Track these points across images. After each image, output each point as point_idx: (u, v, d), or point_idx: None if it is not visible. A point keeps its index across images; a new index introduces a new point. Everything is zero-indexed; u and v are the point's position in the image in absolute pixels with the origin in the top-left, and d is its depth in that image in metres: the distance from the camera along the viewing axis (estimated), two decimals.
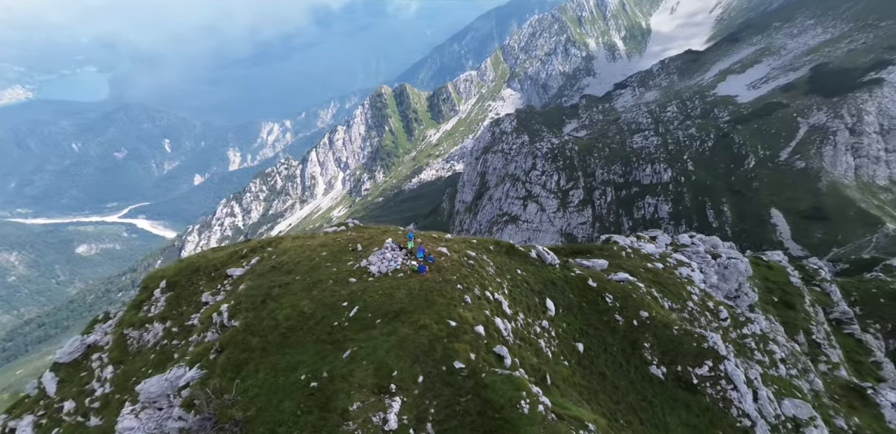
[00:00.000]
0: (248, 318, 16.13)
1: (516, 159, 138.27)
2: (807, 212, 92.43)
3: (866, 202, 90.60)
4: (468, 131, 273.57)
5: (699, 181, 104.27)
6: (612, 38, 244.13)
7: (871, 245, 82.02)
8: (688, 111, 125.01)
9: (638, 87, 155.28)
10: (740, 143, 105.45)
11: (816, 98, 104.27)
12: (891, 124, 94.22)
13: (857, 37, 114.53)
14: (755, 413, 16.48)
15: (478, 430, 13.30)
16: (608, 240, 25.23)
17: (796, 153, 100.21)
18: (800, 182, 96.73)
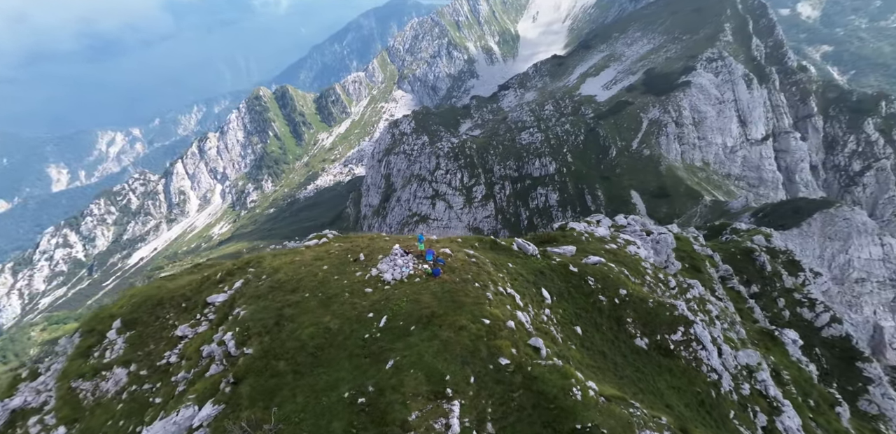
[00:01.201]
0: (266, 343, 14.94)
1: (420, 160, 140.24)
2: (654, 191, 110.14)
3: (691, 180, 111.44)
4: (364, 133, 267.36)
5: (577, 171, 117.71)
6: (489, 43, 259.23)
7: (696, 214, 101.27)
8: (561, 109, 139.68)
9: (518, 89, 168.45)
10: (604, 136, 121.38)
11: (650, 97, 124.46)
12: (699, 117, 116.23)
13: (670, 47, 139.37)
14: (721, 367, 18.95)
15: (535, 422, 13.49)
16: (563, 227, 27.94)
17: (643, 143, 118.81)
18: (647, 167, 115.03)
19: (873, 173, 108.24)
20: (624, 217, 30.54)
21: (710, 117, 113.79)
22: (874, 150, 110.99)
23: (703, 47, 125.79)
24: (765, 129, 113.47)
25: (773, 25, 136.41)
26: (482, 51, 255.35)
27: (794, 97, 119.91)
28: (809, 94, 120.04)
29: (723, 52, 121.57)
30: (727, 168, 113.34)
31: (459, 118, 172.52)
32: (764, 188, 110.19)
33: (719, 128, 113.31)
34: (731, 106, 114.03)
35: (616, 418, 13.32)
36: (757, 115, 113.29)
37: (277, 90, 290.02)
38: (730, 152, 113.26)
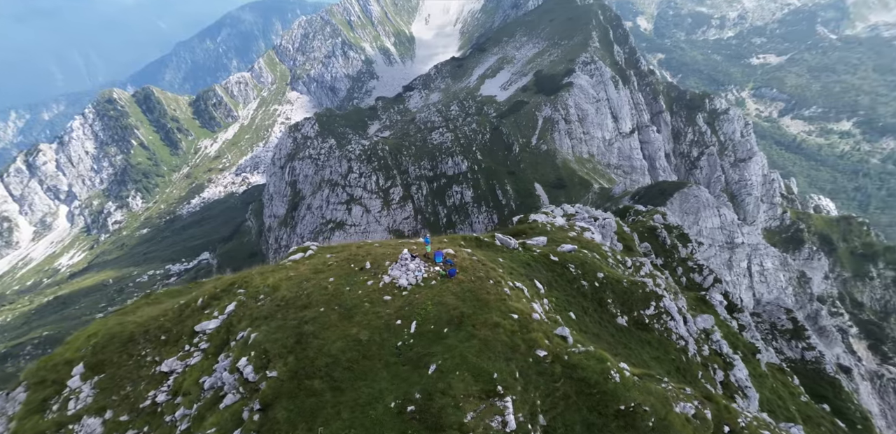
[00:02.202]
0: (292, 363, 14.17)
1: (329, 164, 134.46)
2: (554, 183, 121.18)
3: (582, 171, 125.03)
4: (256, 138, 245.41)
5: (487, 168, 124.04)
6: (385, 44, 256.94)
7: (589, 201, 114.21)
8: (466, 109, 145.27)
9: (423, 90, 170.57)
10: (507, 134, 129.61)
11: (542, 97, 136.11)
12: (582, 114, 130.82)
13: (552, 51, 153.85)
14: (686, 334, 21.13)
15: (581, 409, 13.67)
16: (523, 219, 29.87)
17: (540, 139, 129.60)
18: (546, 161, 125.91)
19: (706, 158, 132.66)
20: (570, 206, 33.73)
21: (590, 114, 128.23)
22: (705, 139, 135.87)
23: (578, 52, 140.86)
24: (631, 124, 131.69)
25: (626, 35, 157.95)
26: (379, 51, 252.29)
27: (649, 96, 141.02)
28: (658, 93, 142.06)
29: (594, 56, 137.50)
30: (607, 158, 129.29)
31: (367, 120, 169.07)
32: (635, 174, 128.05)
33: (598, 123, 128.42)
34: (605, 104, 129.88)
35: (654, 395, 14.26)
36: (625, 112, 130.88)
37: (139, 92, 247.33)
38: (608, 145, 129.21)
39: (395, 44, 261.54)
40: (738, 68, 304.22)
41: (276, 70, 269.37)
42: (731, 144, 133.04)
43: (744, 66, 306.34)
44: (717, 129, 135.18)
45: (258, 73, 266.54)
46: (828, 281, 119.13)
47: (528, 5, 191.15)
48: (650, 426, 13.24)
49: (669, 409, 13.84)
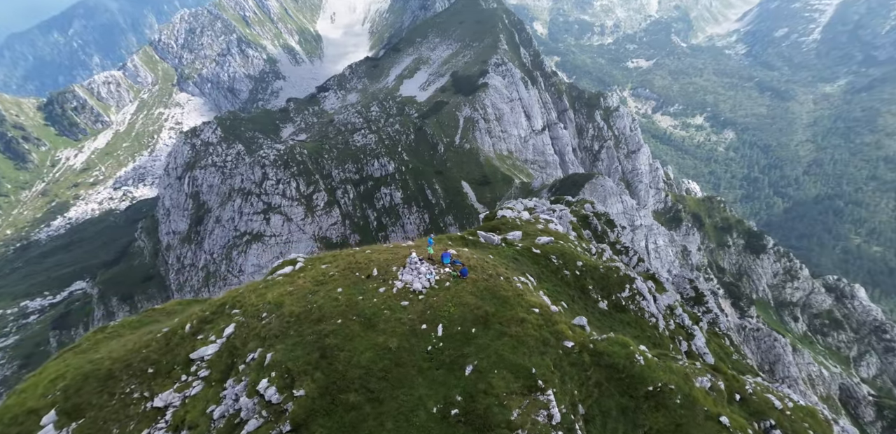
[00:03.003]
0: (321, 379, 13.73)
1: (240, 171, 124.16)
2: (479, 180, 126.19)
3: (503, 167, 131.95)
4: (139, 147, 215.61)
5: (415, 168, 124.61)
6: (289, 42, 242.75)
7: (512, 196, 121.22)
8: (388, 110, 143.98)
9: (339, 90, 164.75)
10: (431, 133, 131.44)
11: (461, 97, 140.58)
12: (499, 114, 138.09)
13: (465, 53, 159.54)
14: (656, 311, 22.74)
15: (614, 394, 14.32)
16: (490, 216, 31.05)
17: (463, 138, 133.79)
18: (470, 159, 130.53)
19: (605, 151, 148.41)
20: (529, 200, 35.75)
21: (506, 113, 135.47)
22: (603, 134, 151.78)
23: (489, 54, 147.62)
24: (542, 122, 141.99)
25: (530, 39, 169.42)
26: (283, 50, 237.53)
27: (554, 96, 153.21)
28: (562, 93, 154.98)
29: (504, 58, 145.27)
30: (524, 155, 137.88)
31: (279, 122, 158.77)
32: (549, 168, 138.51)
33: (514, 122, 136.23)
34: (518, 103, 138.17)
35: (675, 373, 15.27)
36: (536, 111, 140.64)
37: None
38: (524, 142, 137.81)
39: (300, 42, 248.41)
40: (619, 71, 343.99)
41: (156, 69, 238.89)
42: (624, 138, 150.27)
43: (622, 68, 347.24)
44: (611, 125, 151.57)
45: (133, 71, 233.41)
46: (700, 252, 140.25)
47: (436, 7, 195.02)
48: (678, 403, 14.33)
49: (691, 384, 15.06)
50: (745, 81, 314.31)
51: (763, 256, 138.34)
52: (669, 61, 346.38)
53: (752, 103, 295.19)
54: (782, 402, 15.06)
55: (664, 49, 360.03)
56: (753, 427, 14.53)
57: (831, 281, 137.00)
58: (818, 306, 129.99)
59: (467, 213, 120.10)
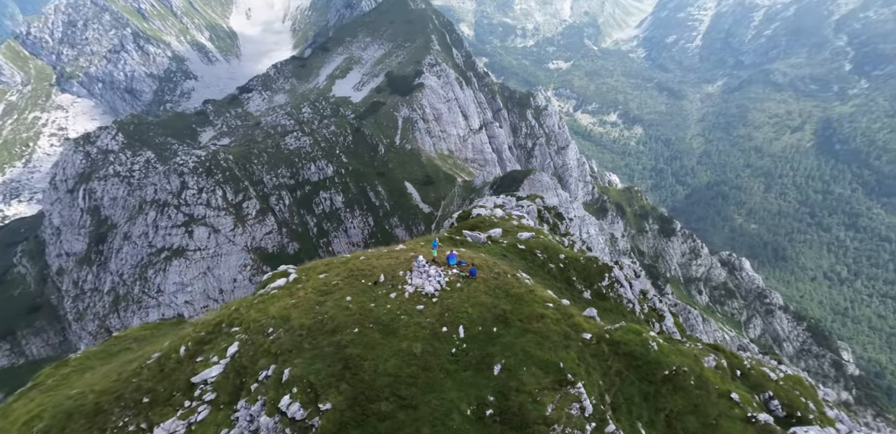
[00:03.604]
0: (347, 391, 13.48)
1: (151, 181, 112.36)
2: (422, 180, 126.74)
3: (445, 167, 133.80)
4: (10, 157, 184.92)
5: (356, 170, 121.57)
6: (198, 38, 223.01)
7: (456, 194, 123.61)
8: (321, 111, 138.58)
9: (264, 91, 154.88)
10: (370, 135, 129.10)
11: (398, 97, 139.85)
12: (437, 114, 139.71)
13: (398, 53, 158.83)
14: (632, 296, 24.23)
15: (634, 381, 14.85)
16: (464, 215, 31.52)
17: (403, 139, 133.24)
18: (412, 160, 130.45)
19: (538, 148, 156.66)
20: (497, 197, 36.78)
21: (444, 113, 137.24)
22: (535, 132, 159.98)
23: (423, 54, 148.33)
24: (479, 121, 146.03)
25: (461, 40, 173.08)
26: (193, 47, 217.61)
27: (488, 96, 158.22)
28: (495, 93, 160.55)
29: (437, 58, 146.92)
30: (464, 153, 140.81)
31: (196, 126, 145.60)
32: (488, 166, 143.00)
33: (452, 121, 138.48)
34: (455, 103, 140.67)
35: (686, 355, 16.17)
36: (472, 111, 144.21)
37: None
38: (463, 141, 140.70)
39: (211, 39, 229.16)
40: (542, 72, 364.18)
41: (27, 66, 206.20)
42: (554, 135, 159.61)
43: (545, 70, 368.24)
44: (542, 123, 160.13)
45: None
46: (623, 238, 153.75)
47: (363, 6, 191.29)
48: (693, 384, 15.27)
49: (701, 365, 16.13)
50: (647, 82, 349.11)
51: (673, 239, 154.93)
52: (585, 63, 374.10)
53: (654, 102, 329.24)
54: (776, 374, 17.11)
55: (579, 52, 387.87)
56: (755, 399, 15.93)
57: (724, 256, 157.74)
58: (716, 279, 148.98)
59: (413, 213, 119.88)
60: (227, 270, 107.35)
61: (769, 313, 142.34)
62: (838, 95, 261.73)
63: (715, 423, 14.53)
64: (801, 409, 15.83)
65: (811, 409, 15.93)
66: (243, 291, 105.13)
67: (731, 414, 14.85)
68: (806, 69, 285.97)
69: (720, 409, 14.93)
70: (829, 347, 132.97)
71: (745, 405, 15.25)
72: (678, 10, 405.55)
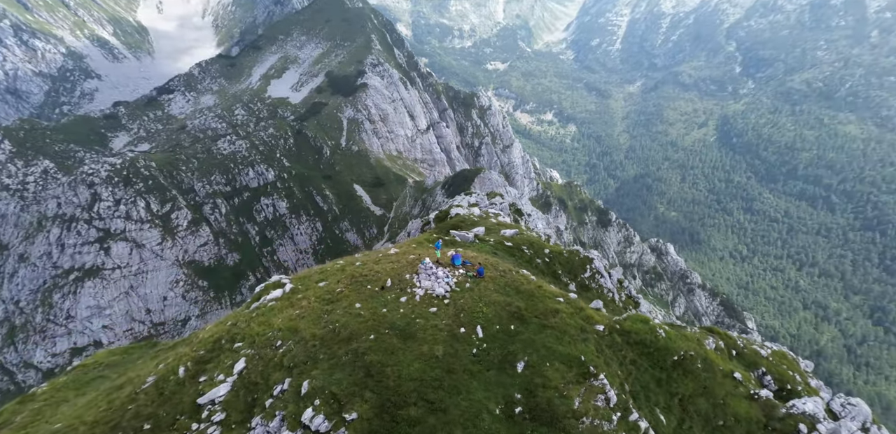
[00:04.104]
0: (373, 399, 13.30)
1: (53, 195, 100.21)
2: (372, 182, 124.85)
3: (395, 168, 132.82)
4: None
5: (300, 174, 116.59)
6: (99, 33, 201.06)
7: (408, 195, 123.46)
8: (256, 113, 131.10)
9: (189, 92, 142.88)
10: (313, 137, 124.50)
11: (340, 98, 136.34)
12: (383, 114, 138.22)
13: (338, 52, 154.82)
14: (611, 286, 25.35)
15: (647, 368, 15.39)
16: (442, 217, 31.55)
17: (349, 140, 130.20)
18: (360, 162, 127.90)
19: (485, 147, 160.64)
20: (471, 196, 37.23)
21: (391, 114, 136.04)
22: (481, 131, 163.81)
23: (364, 54, 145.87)
24: (426, 121, 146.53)
25: (402, 39, 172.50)
26: (93, 43, 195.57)
27: (433, 96, 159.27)
28: (440, 93, 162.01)
29: (379, 58, 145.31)
30: (413, 154, 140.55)
31: (106, 131, 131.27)
32: (438, 166, 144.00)
33: (399, 122, 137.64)
34: (400, 104, 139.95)
35: (690, 340, 16.96)
36: (418, 111, 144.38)
37: None
38: (411, 141, 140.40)
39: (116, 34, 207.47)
40: (481, 72, 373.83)
41: None
42: (499, 134, 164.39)
43: (484, 70, 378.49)
44: (487, 123, 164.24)
45: None
46: (567, 230, 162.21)
47: (294, 3, 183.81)
48: (700, 367, 16.11)
49: (705, 348, 17.05)
50: (577, 83, 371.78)
51: (609, 229, 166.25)
52: (520, 64, 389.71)
53: (585, 101, 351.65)
54: (765, 350, 18.77)
55: (514, 53, 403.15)
56: (751, 376, 17.20)
57: (653, 243, 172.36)
58: (647, 264, 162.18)
59: (364, 216, 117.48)
60: (154, 288, 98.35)
61: (690, 292, 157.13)
62: (732, 95, 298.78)
63: (723, 402, 15.59)
64: (791, 382, 17.45)
65: (798, 382, 17.60)
66: (176, 309, 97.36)
67: (736, 393, 16.02)
68: (706, 71, 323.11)
69: (726, 389, 15.99)
70: (737, 318, 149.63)
71: (747, 383, 16.49)
72: (598, 15, 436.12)
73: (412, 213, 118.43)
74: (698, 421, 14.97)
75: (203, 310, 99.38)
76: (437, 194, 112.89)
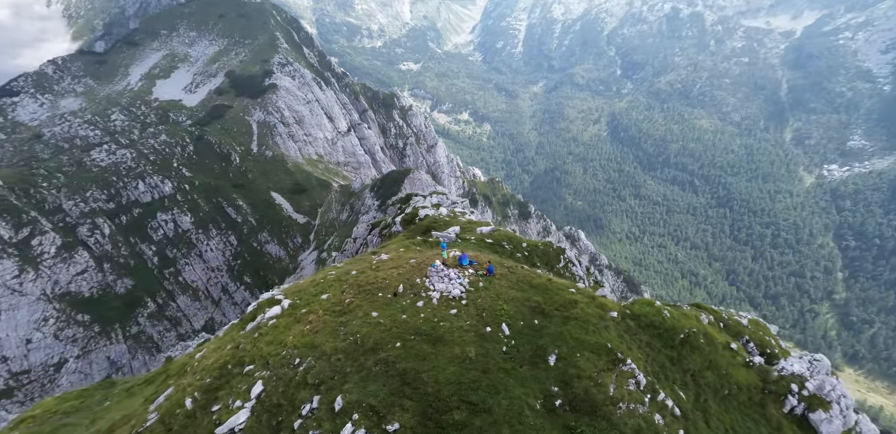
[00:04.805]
0: (413, 407, 13.25)
1: None
2: (292, 188, 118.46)
3: (317, 172, 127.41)
4: None
5: (204, 185, 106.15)
6: None
7: (334, 200, 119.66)
8: (141, 118, 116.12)
9: (42, 94, 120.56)
10: (217, 143, 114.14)
11: (247, 100, 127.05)
12: (298, 117, 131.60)
13: (238, 50, 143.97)
14: (583, 274, 26.11)
15: (660, 349, 16.22)
16: (408, 219, 31.11)
17: (262, 145, 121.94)
18: (277, 168, 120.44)
19: (409, 148, 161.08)
20: (433, 196, 37.02)
21: (306, 116, 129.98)
22: (404, 131, 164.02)
23: (270, 53, 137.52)
24: (346, 123, 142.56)
25: (311, 38, 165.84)
26: None
27: (351, 97, 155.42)
28: (358, 94, 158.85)
29: (288, 57, 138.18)
30: (335, 157, 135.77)
31: None
32: (363, 169, 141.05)
33: (317, 124, 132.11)
34: (316, 105, 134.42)
35: (690, 318, 18.21)
36: (337, 112, 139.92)
37: None
38: (332, 144, 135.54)
39: None
40: (395, 73, 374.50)
41: None
42: (422, 134, 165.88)
43: (397, 70, 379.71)
44: (409, 123, 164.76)
45: None
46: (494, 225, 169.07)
47: None
48: (703, 342, 17.38)
49: (703, 324, 18.37)
50: (487, 83, 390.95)
51: (530, 220, 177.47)
52: (433, 65, 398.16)
53: (496, 101, 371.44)
54: (744, 320, 20.95)
55: (426, 54, 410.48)
56: (742, 346, 19.07)
57: (567, 230, 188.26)
58: None
59: (286, 225, 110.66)
60: (13, 330, 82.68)
61: (601, 273, 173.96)
62: (616, 94, 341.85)
63: (726, 373, 17.14)
64: (769, 347, 19.74)
65: (774, 345, 19.96)
66: (46, 353, 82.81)
67: (735, 362, 17.71)
68: (595, 73, 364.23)
69: (727, 360, 17.58)
70: (636, 292, 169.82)
71: (741, 352, 18.24)
72: (500, 19, 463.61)
73: (340, 219, 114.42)
74: (710, 393, 16.47)
75: (85, 348, 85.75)
76: (365, 197, 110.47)
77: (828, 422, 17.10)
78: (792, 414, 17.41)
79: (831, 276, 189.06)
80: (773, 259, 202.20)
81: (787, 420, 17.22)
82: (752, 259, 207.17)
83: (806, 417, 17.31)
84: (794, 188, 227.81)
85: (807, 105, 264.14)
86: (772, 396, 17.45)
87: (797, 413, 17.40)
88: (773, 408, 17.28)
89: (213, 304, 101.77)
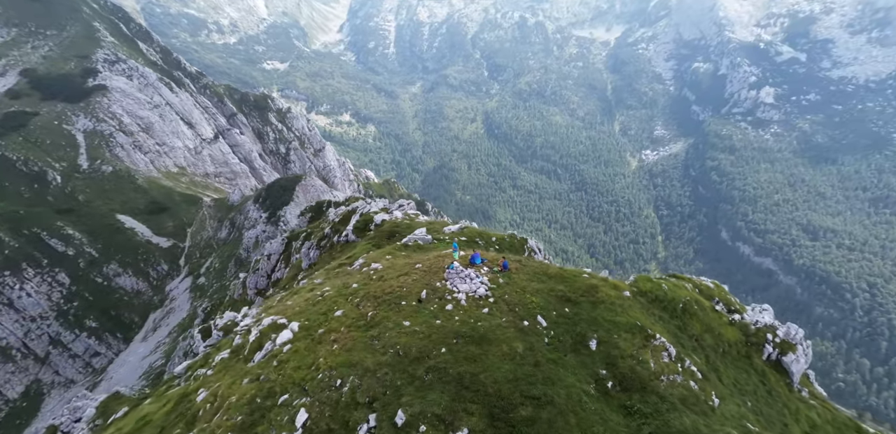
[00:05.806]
0: (478, 410, 13.42)
1: None
2: (148, 208, 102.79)
3: (179, 187, 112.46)
4: None
5: (7, 214, 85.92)
6: None
7: (207, 216, 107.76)
8: None
9: None
10: (22, 160, 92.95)
11: (62, 104, 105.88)
12: (145, 123, 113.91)
13: (36, 43, 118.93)
14: (544, 260, 28.34)
15: (669, 320, 17.96)
16: (360, 226, 29.40)
17: (96, 159, 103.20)
18: (122, 185, 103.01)
19: (293, 153, 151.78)
20: (378, 201, 35.19)
21: (156, 122, 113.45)
22: (285, 135, 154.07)
23: (89, 47, 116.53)
24: (211, 129, 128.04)
25: (148, 32, 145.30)
26: None
27: (214, 99, 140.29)
28: (222, 96, 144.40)
29: (118, 54, 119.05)
30: (202, 168, 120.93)
31: None
32: (240, 179, 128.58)
33: (172, 131, 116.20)
34: (168, 109, 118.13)
35: (681, 288, 20.26)
36: (197, 117, 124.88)
37: None
38: (196, 153, 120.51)
39: None
40: (258, 72, 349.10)
41: None
42: (307, 138, 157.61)
43: (261, 70, 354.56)
44: (290, 126, 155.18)
45: None
46: None
47: None
48: (696, 308, 19.59)
49: (694, 293, 20.61)
50: (365, 84, 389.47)
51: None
52: (302, 65, 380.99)
53: (377, 102, 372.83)
54: (710, 283, 23.82)
55: (292, 53, 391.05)
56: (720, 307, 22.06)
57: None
58: None
59: (144, 252, 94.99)
60: None
61: None
62: (487, 94, 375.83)
63: (719, 334, 19.50)
64: (733, 305, 22.75)
65: (734, 303, 23.13)
66: None
67: (722, 322, 20.25)
68: (465, 75, 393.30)
69: (717, 322, 20.03)
70: None
71: (723, 313, 20.91)
72: (367, 19, 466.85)
73: (218, 237, 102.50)
74: (712, 353, 18.86)
75: None
76: (249, 210, 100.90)
77: (796, 362, 20.56)
78: (769, 360, 20.52)
79: (655, 240, 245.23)
80: (617, 231, 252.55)
81: (767, 366, 20.32)
82: (603, 232, 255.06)
83: (780, 361, 20.58)
84: (625, 171, 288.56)
85: (626, 102, 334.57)
86: (754, 348, 20.37)
87: (773, 358, 20.57)
88: (757, 357, 20.23)
89: (36, 362, 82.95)
